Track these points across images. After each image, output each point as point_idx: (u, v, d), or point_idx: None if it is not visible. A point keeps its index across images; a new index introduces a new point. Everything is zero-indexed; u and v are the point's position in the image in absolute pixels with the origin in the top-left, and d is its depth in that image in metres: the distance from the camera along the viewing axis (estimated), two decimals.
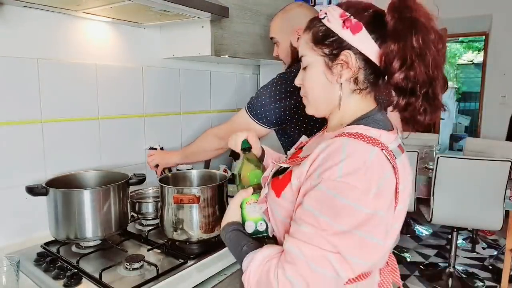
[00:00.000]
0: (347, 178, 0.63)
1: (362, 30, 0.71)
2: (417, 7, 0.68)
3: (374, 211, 0.64)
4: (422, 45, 0.66)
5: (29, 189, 1.13)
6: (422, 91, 0.68)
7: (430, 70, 0.67)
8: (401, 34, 0.67)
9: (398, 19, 0.68)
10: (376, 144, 0.66)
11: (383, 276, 0.80)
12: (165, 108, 1.76)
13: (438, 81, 0.69)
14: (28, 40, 1.24)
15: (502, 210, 2.40)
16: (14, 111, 1.22)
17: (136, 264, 1.04)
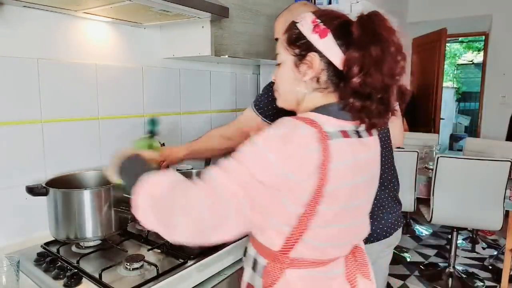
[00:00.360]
0: (279, 139, 0.71)
1: (328, 36, 0.78)
2: (381, 23, 0.76)
3: (287, 172, 0.70)
4: (380, 56, 0.73)
5: (29, 189, 1.13)
6: (377, 96, 0.75)
7: (385, 78, 0.74)
8: (363, 43, 0.74)
9: (362, 31, 0.75)
10: (312, 125, 0.73)
11: (348, 269, 0.85)
12: (165, 108, 1.76)
13: (393, 88, 0.77)
14: (28, 40, 1.24)
15: (502, 210, 2.40)
16: (14, 111, 1.22)
17: (136, 264, 1.04)
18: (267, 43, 1.78)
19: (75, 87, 1.38)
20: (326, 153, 0.72)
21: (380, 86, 0.74)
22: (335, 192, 0.75)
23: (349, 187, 0.78)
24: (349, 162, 0.76)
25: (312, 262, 0.80)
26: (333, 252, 0.83)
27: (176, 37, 1.62)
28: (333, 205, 0.76)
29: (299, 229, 0.76)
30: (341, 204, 0.77)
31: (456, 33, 5.13)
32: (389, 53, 0.74)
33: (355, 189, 0.79)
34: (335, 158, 0.73)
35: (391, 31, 0.76)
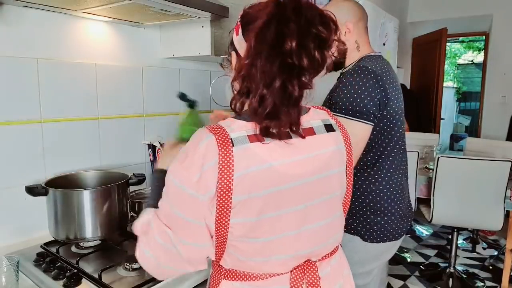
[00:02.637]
0: (178, 160, 0.70)
1: (239, 32, 0.74)
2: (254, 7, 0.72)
3: (180, 185, 0.68)
4: (248, 47, 0.68)
5: (28, 189, 1.13)
6: (256, 93, 0.67)
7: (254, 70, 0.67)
8: (243, 34, 0.72)
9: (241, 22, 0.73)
10: (215, 132, 0.68)
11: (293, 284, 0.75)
12: (165, 108, 1.76)
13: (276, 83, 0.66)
14: (28, 40, 1.24)
15: (502, 210, 2.40)
16: (14, 111, 1.22)
17: (136, 264, 1.04)
18: None
19: (75, 87, 1.38)
20: (227, 162, 0.66)
21: (253, 82, 0.66)
22: (246, 202, 0.68)
23: (266, 195, 0.69)
24: (260, 168, 0.68)
25: (246, 275, 0.74)
26: (267, 267, 0.74)
27: (176, 37, 1.62)
28: (246, 217, 0.69)
29: (219, 243, 0.72)
30: (258, 215, 0.69)
31: (457, 33, 5.13)
32: (270, 46, 0.64)
33: (276, 197, 0.70)
34: (238, 165, 0.66)
35: (295, 20, 0.64)
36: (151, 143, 1.68)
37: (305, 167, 0.73)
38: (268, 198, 0.69)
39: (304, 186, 0.73)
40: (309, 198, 0.75)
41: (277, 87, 0.65)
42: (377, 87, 1.20)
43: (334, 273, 0.83)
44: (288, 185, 0.71)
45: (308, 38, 0.65)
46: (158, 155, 1.68)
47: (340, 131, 0.82)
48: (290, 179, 0.71)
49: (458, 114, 8.64)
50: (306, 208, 0.74)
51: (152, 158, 1.68)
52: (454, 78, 9.32)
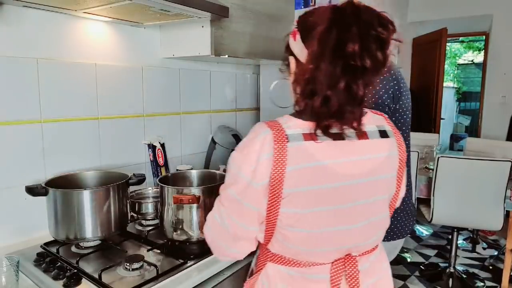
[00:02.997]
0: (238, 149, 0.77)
1: (297, 37, 0.79)
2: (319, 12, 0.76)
3: (238, 171, 0.75)
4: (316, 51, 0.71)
5: (28, 189, 1.13)
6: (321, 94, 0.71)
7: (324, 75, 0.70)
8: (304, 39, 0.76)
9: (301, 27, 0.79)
10: (273, 127, 0.74)
11: (333, 278, 0.80)
12: (165, 108, 1.76)
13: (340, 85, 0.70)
14: (28, 40, 1.24)
15: (502, 210, 2.40)
16: (14, 111, 1.22)
17: (136, 264, 1.04)
18: (267, 43, 1.78)
19: (75, 87, 1.38)
20: (281, 156, 0.71)
21: (319, 84, 0.70)
22: (295, 194, 0.73)
23: (313, 190, 0.74)
24: (310, 165, 0.73)
25: (290, 261, 0.81)
26: (311, 257, 0.80)
27: (176, 37, 1.62)
28: (295, 208, 0.74)
29: (268, 229, 0.78)
30: (306, 208, 0.74)
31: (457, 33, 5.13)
32: (333, 50, 0.68)
33: (323, 193, 0.74)
34: (291, 160, 0.72)
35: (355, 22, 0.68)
36: (151, 143, 1.68)
37: (355, 168, 0.77)
38: (315, 194, 0.74)
39: (351, 187, 0.77)
40: (355, 199, 0.78)
41: (341, 88, 0.69)
42: (391, 80, 1.23)
43: (372, 268, 0.87)
44: (336, 184, 0.75)
45: (369, 40, 0.68)
46: (158, 155, 1.68)
47: (395, 138, 0.84)
48: (339, 178, 0.75)
49: (458, 114, 8.64)
50: (350, 208, 0.78)
51: (152, 158, 1.68)
52: (454, 78, 9.32)
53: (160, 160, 1.71)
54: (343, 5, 0.71)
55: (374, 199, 0.81)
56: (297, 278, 0.81)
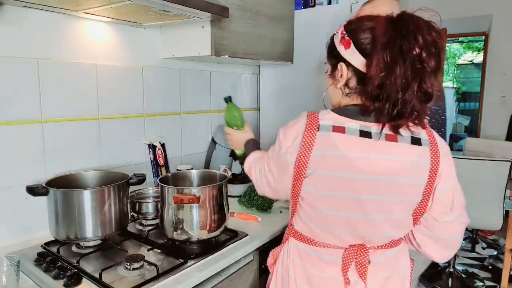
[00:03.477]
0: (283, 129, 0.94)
1: (351, 47, 0.86)
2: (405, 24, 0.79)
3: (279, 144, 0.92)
4: (392, 60, 0.77)
5: (29, 189, 1.13)
6: (391, 98, 0.79)
7: (398, 81, 0.78)
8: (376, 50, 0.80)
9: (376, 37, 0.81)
10: (310, 117, 0.88)
11: (344, 262, 0.91)
12: (165, 108, 1.76)
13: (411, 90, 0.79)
14: (28, 40, 1.24)
15: (502, 210, 2.40)
16: (14, 111, 1.22)
17: (136, 264, 1.05)
18: (267, 43, 1.78)
19: (75, 87, 1.38)
20: (309, 141, 0.85)
21: (391, 88, 0.78)
22: (315, 176, 0.85)
23: (336, 177, 0.84)
24: (333, 154, 0.83)
25: (309, 239, 0.94)
26: (325, 237, 0.92)
27: (176, 37, 1.62)
28: (315, 188, 0.87)
29: (293, 204, 0.95)
30: (324, 190, 0.86)
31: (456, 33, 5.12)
32: (402, 56, 0.76)
33: (345, 181, 0.84)
34: (318, 146, 0.84)
35: (416, 30, 0.77)
36: (151, 143, 1.68)
37: (373, 165, 0.83)
38: (333, 179, 0.84)
39: (367, 181, 0.84)
40: (371, 193, 0.85)
41: (415, 89, 0.78)
42: None
43: (386, 264, 0.94)
44: (352, 175, 0.83)
45: (428, 44, 0.77)
46: (158, 155, 1.68)
47: (429, 147, 0.86)
48: (355, 170, 0.83)
49: (457, 114, 8.64)
50: (365, 200, 0.85)
51: (152, 158, 1.68)
52: (453, 78, 9.32)
53: (160, 160, 1.71)
54: (399, 17, 0.80)
55: (391, 198, 0.86)
56: (312, 256, 0.94)
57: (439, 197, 0.88)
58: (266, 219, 1.46)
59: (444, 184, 0.88)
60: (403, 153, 0.84)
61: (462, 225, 0.93)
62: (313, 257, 0.94)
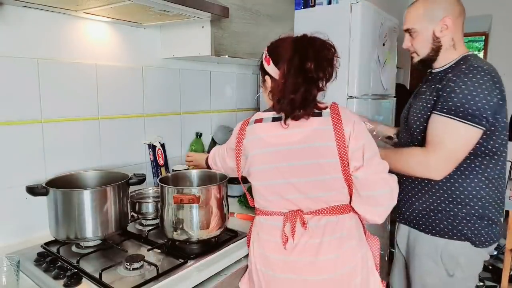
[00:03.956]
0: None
1: (270, 63, 1.09)
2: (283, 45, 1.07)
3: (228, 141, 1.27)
4: (284, 74, 1.03)
5: (29, 189, 1.13)
6: (287, 99, 1.03)
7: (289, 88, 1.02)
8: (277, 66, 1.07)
9: (273, 57, 1.09)
10: (246, 119, 1.18)
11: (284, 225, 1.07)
12: (165, 108, 1.76)
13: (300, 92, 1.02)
14: (28, 40, 1.24)
15: None
16: (14, 111, 1.22)
17: (136, 264, 1.05)
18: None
19: (75, 87, 1.38)
20: (241, 134, 1.15)
21: (286, 91, 1.02)
22: (252, 157, 1.10)
23: (259, 155, 1.09)
24: (256, 137, 1.10)
25: (261, 211, 1.14)
26: (267, 205, 1.12)
27: (176, 37, 1.62)
28: (249, 167, 1.11)
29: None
30: (254, 167, 1.10)
31: None
32: (298, 68, 1.00)
33: (265, 156, 1.08)
34: (248, 135, 1.13)
35: (310, 48, 1.01)
36: (151, 143, 1.68)
37: (284, 138, 1.06)
38: (258, 157, 1.10)
39: (283, 151, 1.06)
40: (290, 160, 1.05)
41: (301, 92, 1.01)
42: (494, 89, 1.15)
43: (325, 229, 1.05)
44: (268, 149, 1.07)
45: (320, 59, 1.01)
46: (158, 155, 1.68)
47: (330, 116, 1.05)
48: (270, 145, 1.07)
49: None
50: (289, 167, 1.05)
51: (152, 158, 1.68)
52: None
53: (160, 160, 1.71)
54: (299, 38, 1.05)
55: (306, 162, 1.04)
56: (264, 224, 1.12)
57: (352, 155, 1.03)
58: None
59: (354, 144, 1.03)
60: (305, 125, 1.05)
61: (382, 180, 1.04)
62: (264, 225, 1.12)
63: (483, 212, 1.24)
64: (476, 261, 1.30)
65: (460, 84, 1.16)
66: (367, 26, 1.90)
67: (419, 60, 1.36)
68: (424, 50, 1.33)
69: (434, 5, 1.29)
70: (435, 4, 1.29)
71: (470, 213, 1.25)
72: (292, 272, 1.05)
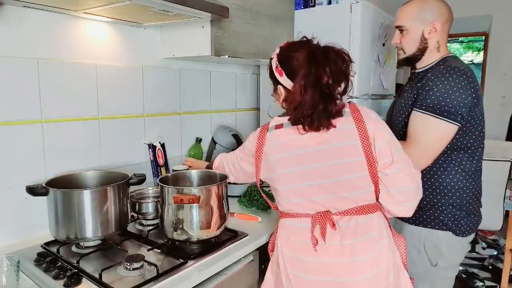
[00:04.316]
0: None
1: (283, 75, 1.08)
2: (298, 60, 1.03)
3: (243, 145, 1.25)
4: (303, 86, 1.01)
5: (29, 189, 1.13)
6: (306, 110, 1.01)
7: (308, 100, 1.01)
8: (294, 79, 1.04)
9: (288, 71, 1.07)
10: (265, 125, 1.15)
11: (312, 226, 1.06)
12: (165, 108, 1.76)
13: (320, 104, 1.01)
14: (28, 40, 1.24)
15: (502, 210, 2.40)
16: (14, 111, 1.22)
17: (136, 264, 1.05)
18: (267, 43, 1.78)
19: (75, 87, 1.38)
20: (262, 139, 1.12)
21: (303, 108, 1.01)
22: (274, 161, 1.08)
23: (284, 158, 1.07)
24: (278, 142, 1.08)
25: (286, 213, 1.12)
26: (293, 208, 1.10)
27: (176, 37, 1.62)
28: (276, 171, 1.08)
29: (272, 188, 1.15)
30: (281, 170, 1.07)
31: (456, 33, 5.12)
32: (314, 84, 1.00)
33: (289, 159, 1.06)
34: (268, 141, 1.10)
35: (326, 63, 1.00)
36: (151, 143, 1.68)
37: (310, 141, 1.04)
38: (281, 161, 1.08)
39: (306, 154, 1.05)
40: (315, 162, 1.04)
41: (320, 109, 1.01)
42: (469, 88, 1.23)
43: (355, 230, 1.05)
44: (291, 152, 1.06)
45: (337, 73, 1.01)
46: (158, 155, 1.68)
47: (351, 115, 1.05)
48: (296, 148, 1.05)
49: None
50: (314, 168, 1.04)
51: (152, 158, 1.68)
52: None
53: (160, 160, 1.71)
54: (314, 49, 1.03)
55: (331, 163, 1.03)
56: (291, 226, 1.11)
57: (380, 153, 1.03)
58: (266, 219, 1.46)
59: (381, 141, 1.03)
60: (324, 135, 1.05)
61: (408, 176, 1.06)
62: (291, 227, 1.11)
63: (461, 202, 1.32)
64: (458, 250, 1.36)
65: (438, 83, 1.24)
66: (367, 26, 1.90)
67: (404, 57, 1.44)
68: (411, 49, 1.40)
69: (426, 7, 1.36)
70: (427, 7, 1.36)
71: (449, 203, 1.32)
72: (327, 273, 1.04)
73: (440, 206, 1.33)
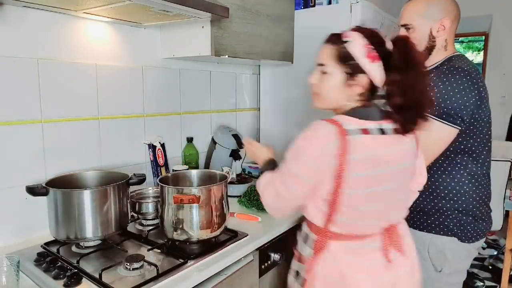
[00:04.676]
0: (299, 140, 0.96)
1: (377, 62, 0.94)
2: (413, 48, 0.96)
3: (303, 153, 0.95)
4: (414, 78, 0.93)
5: (29, 189, 1.13)
6: (411, 107, 0.94)
7: (417, 95, 0.95)
8: (402, 69, 0.92)
9: (401, 57, 0.93)
10: (333, 123, 0.91)
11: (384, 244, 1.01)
12: (165, 108, 1.76)
13: (423, 101, 0.97)
14: (28, 40, 1.24)
15: (502, 210, 2.40)
16: (14, 111, 1.22)
17: (136, 264, 1.05)
18: (267, 43, 1.78)
19: (75, 87, 1.38)
20: (344, 146, 0.88)
21: (413, 101, 0.93)
22: (356, 178, 0.91)
23: (371, 175, 0.93)
24: (369, 154, 0.92)
25: (348, 236, 0.99)
26: (364, 230, 1.00)
27: (176, 37, 1.62)
28: (356, 190, 0.93)
29: (332, 209, 0.96)
30: (363, 189, 0.93)
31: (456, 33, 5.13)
32: (419, 75, 0.94)
33: (378, 177, 0.94)
34: (354, 150, 0.89)
35: (420, 55, 0.95)
36: (151, 143, 1.68)
37: (391, 156, 0.96)
38: (371, 178, 0.93)
39: (395, 171, 0.97)
40: (396, 180, 0.99)
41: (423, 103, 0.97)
42: (473, 90, 1.18)
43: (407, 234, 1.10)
44: (382, 169, 0.94)
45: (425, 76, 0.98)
46: (158, 155, 1.68)
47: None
48: (384, 164, 0.94)
49: None
50: (392, 188, 0.99)
51: (152, 158, 1.68)
52: None
53: (160, 160, 1.71)
54: (400, 43, 0.97)
55: (401, 182, 1.01)
56: (358, 249, 1.00)
57: (420, 168, 1.07)
58: (266, 219, 1.46)
59: (419, 155, 1.07)
60: (402, 141, 0.99)
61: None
62: (358, 249, 1.01)
63: (467, 207, 1.28)
64: (464, 256, 1.32)
65: (439, 84, 1.20)
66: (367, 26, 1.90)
67: None
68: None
69: (433, 4, 1.30)
70: (434, 3, 1.30)
71: (455, 209, 1.28)
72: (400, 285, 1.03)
73: (445, 211, 1.28)
